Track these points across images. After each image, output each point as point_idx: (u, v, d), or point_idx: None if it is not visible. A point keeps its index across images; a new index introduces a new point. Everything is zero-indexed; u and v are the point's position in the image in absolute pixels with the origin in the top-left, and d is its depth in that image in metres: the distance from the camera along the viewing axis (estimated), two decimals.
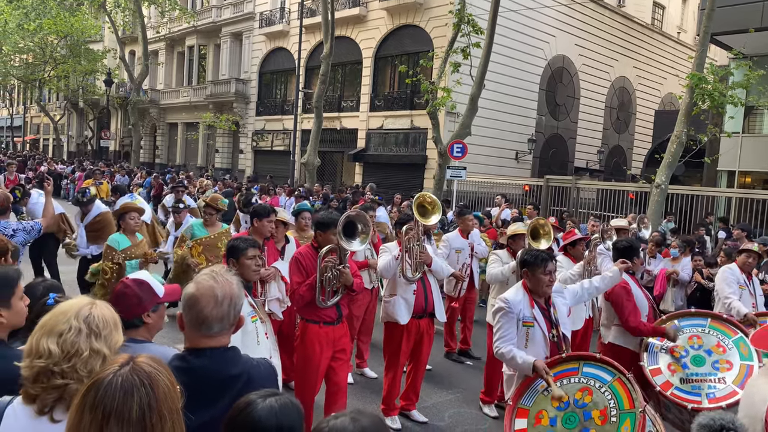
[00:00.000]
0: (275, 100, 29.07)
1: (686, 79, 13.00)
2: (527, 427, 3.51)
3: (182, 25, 33.30)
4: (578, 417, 3.39)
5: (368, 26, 23.91)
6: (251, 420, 1.60)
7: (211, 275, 2.16)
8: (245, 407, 1.63)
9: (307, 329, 4.56)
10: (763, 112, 17.10)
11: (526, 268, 4.05)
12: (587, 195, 17.96)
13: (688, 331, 4.55)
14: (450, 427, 5.46)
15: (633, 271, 5.07)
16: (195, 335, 2.11)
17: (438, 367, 6.98)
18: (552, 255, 4.17)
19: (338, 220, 4.39)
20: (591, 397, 3.44)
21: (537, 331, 3.92)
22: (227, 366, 2.04)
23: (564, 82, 24.95)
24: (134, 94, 30.06)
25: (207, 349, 2.08)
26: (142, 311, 2.51)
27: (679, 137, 12.76)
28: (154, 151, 37.72)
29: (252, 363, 2.12)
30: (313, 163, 19.85)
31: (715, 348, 4.32)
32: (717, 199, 15.41)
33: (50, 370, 1.78)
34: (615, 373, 3.49)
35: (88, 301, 1.95)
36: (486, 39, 15.24)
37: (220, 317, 2.07)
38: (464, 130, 16.07)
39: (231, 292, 2.10)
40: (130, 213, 5.91)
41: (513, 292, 4.08)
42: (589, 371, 3.59)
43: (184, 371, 2.02)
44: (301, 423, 1.66)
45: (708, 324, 4.52)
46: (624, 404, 3.33)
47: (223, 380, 1.78)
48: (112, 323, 1.93)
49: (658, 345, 4.58)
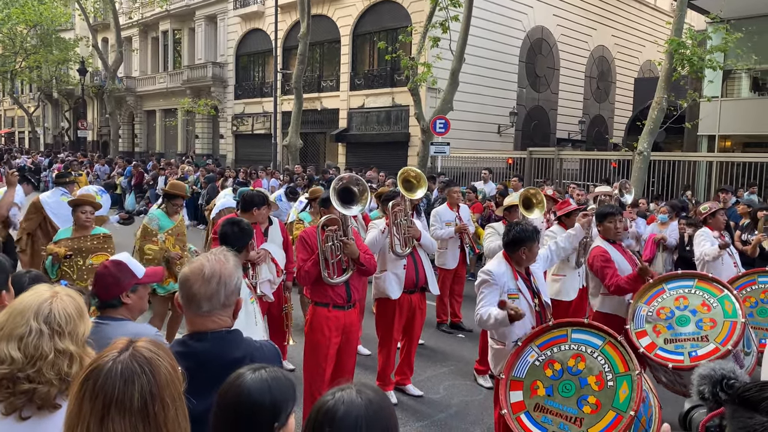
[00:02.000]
0: (254, 83, 28.72)
1: (665, 45, 13.02)
2: (523, 399, 3.49)
3: (155, 10, 32.63)
4: (574, 384, 3.38)
5: (345, 3, 23.60)
6: (241, 392, 1.57)
7: (205, 255, 2.14)
8: (235, 379, 1.60)
9: (316, 313, 4.50)
10: (741, 75, 17.20)
11: (524, 245, 3.99)
12: (570, 166, 18.03)
13: (674, 293, 4.57)
14: (445, 399, 5.52)
15: (614, 239, 5.11)
16: (192, 317, 2.09)
17: (430, 341, 7.03)
18: (536, 234, 4.09)
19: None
20: (584, 363, 3.43)
21: (523, 302, 3.91)
22: (230, 349, 2.01)
23: (543, 54, 24.89)
24: (110, 82, 29.52)
25: (208, 333, 2.05)
26: (119, 291, 2.59)
27: (660, 104, 12.81)
28: (133, 139, 37.19)
29: (255, 345, 2.09)
30: (296, 145, 19.69)
31: (699, 307, 4.35)
32: (698, 163, 15.53)
33: (15, 376, 1.72)
34: (605, 337, 3.48)
35: (47, 295, 1.84)
36: (464, 12, 15.12)
37: (209, 295, 2.03)
38: (446, 106, 16.00)
39: (220, 271, 2.05)
40: (82, 206, 5.32)
41: (495, 263, 4.07)
42: (578, 337, 3.57)
43: (186, 356, 1.99)
44: (293, 396, 1.63)
45: (695, 284, 4.56)
46: (619, 368, 3.33)
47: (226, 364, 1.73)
48: (76, 314, 1.84)
49: (645, 308, 4.60)
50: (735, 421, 1.23)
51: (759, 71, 17.00)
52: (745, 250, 7.52)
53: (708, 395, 1.87)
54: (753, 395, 1.23)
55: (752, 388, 1.26)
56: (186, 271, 2.10)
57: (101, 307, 2.62)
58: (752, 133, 16.80)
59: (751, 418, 1.20)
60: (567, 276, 5.87)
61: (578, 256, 5.99)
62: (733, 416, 1.25)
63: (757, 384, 1.28)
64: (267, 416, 1.54)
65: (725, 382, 1.84)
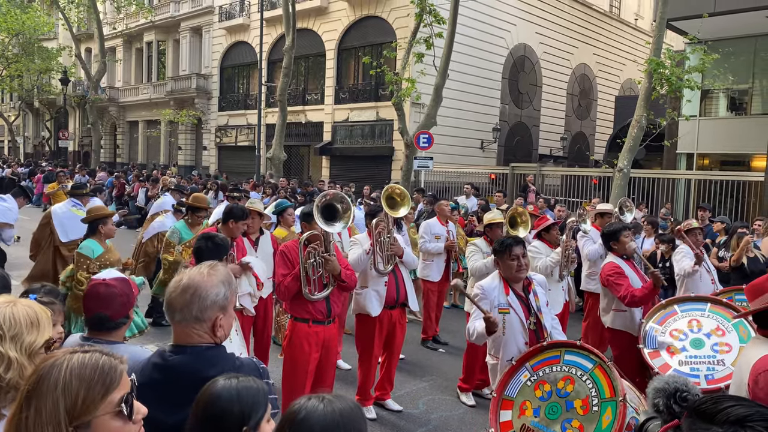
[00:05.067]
0: (238, 95, 28.70)
1: (644, 65, 13.26)
2: (512, 418, 3.49)
3: (139, 21, 32.57)
4: (561, 407, 3.37)
5: (330, 18, 23.75)
6: (210, 396, 1.64)
7: (195, 267, 2.14)
8: (209, 386, 1.68)
9: (296, 328, 4.49)
10: (718, 95, 17.55)
11: (496, 257, 4.12)
12: (552, 182, 18.22)
13: (687, 315, 4.56)
14: (425, 414, 5.51)
15: (627, 255, 5.20)
16: (173, 327, 2.08)
17: (411, 356, 7.03)
18: (519, 239, 4.20)
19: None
20: (573, 386, 3.42)
21: (514, 318, 3.93)
22: (205, 366, 1.97)
23: (526, 71, 25.21)
24: (92, 92, 29.31)
25: (188, 347, 2.03)
26: (130, 308, 2.54)
27: (639, 122, 13.01)
28: (115, 150, 36.90)
29: (234, 364, 2.05)
30: (279, 158, 19.68)
31: (714, 331, 4.33)
32: (677, 181, 15.77)
33: None
34: (596, 361, 3.46)
35: (1, 300, 1.83)
36: (448, 29, 15.29)
37: (182, 305, 2.01)
38: (430, 121, 16.12)
39: (198, 283, 2.03)
40: (106, 218, 5.42)
41: (489, 279, 4.15)
42: (570, 359, 3.56)
43: (160, 368, 2.01)
44: (263, 402, 1.67)
45: (708, 308, 4.54)
46: (605, 392, 3.31)
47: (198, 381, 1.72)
48: (25, 322, 1.80)
49: (658, 329, 4.59)
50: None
51: (736, 91, 17.39)
52: (721, 267, 7.63)
53: (662, 408, 1.91)
54: (709, 408, 1.28)
55: (708, 401, 1.30)
56: (172, 280, 2.13)
57: (107, 329, 2.50)
58: (729, 151, 17.12)
59: (707, 429, 1.25)
60: (552, 290, 5.92)
61: (560, 269, 6.08)
62: (691, 428, 1.30)
63: (713, 397, 1.33)
64: (235, 420, 1.61)
65: (678, 395, 1.89)
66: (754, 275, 5.45)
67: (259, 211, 5.89)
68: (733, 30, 15.42)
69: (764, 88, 16.25)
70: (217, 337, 2.07)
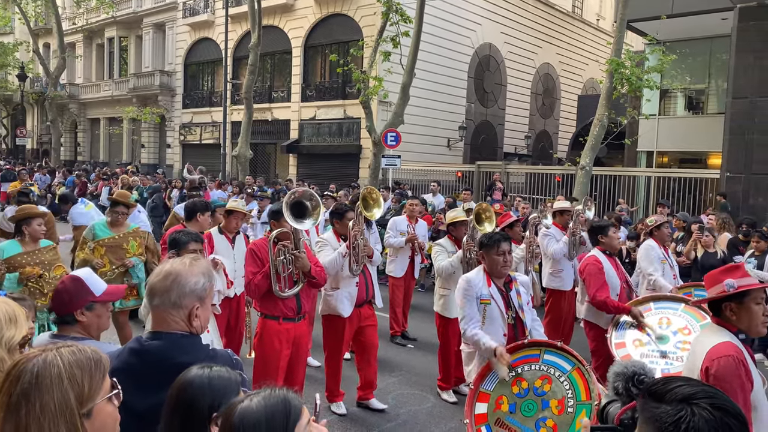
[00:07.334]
0: (202, 92, 28.33)
1: (606, 65, 13.58)
2: (487, 411, 3.55)
3: (100, 16, 31.83)
4: (536, 405, 3.44)
5: (296, 15, 23.63)
6: (183, 383, 1.72)
7: (179, 258, 2.23)
8: (183, 375, 1.76)
9: (266, 326, 4.50)
10: (676, 94, 18.06)
11: (482, 250, 4.21)
12: (517, 179, 18.51)
13: (660, 313, 4.72)
14: (393, 408, 5.56)
15: (610, 252, 5.34)
16: (153, 312, 2.15)
17: (380, 352, 6.98)
18: (506, 236, 4.31)
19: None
20: (550, 386, 3.48)
21: (494, 309, 4.05)
22: (177, 353, 2.03)
23: (491, 70, 25.50)
24: (51, 88, 28.57)
25: (164, 333, 2.10)
26: (73, 308, 2.55)
27: (601, 120, 13.34)
28: (75, 148, 36.02)
29: (208, 354, 2.11)
30: (245, 156, 19.52)
31: (681, 330, 4.49)
32: (638, 178, 16.19)
33: None
34: (574, 363, 3.51)
35: None
36: (415, 27, 15.39)
37: (162, 291, 2.09)
38: (397, 119, 16.21)
39: (179, 271, 2.11)
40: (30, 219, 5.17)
41: (474, 272, 4.27)
42: (550, 359, 3.61)
43: (136, 353, 2.08)
44: (235, 391, 1.73)
45: (681, 308, 4.70)
46: (581, 395, 3.36)
47: (170, 367, 1.79)
48: (4, 319, 1.86)
49: (629, 322, 4.78)
50: (645, 412, 1.38)
51: (693, 91, 17.92)
52: (679, 262, 7.88)
53: (621, 390, 2.03)
54: (659, 388, 1.38)
55: (658, 382, 1.41)
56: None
57: (59, 323, 2.60)
58: (687, 149, 17.65)
59: (657, 408, 1.34)
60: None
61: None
62: (644, 408, 1.39)
63: (664, 378, 1.44)
64: (205, 406, 1.68)
65: (636, 378, 2.00)
66: (705, 269, 5.68)
67: (243, 211, 6.05)
68: (691, 31, 15.89)
69: (720, 88, 16.77)
70: (193, 326, 2.14)
